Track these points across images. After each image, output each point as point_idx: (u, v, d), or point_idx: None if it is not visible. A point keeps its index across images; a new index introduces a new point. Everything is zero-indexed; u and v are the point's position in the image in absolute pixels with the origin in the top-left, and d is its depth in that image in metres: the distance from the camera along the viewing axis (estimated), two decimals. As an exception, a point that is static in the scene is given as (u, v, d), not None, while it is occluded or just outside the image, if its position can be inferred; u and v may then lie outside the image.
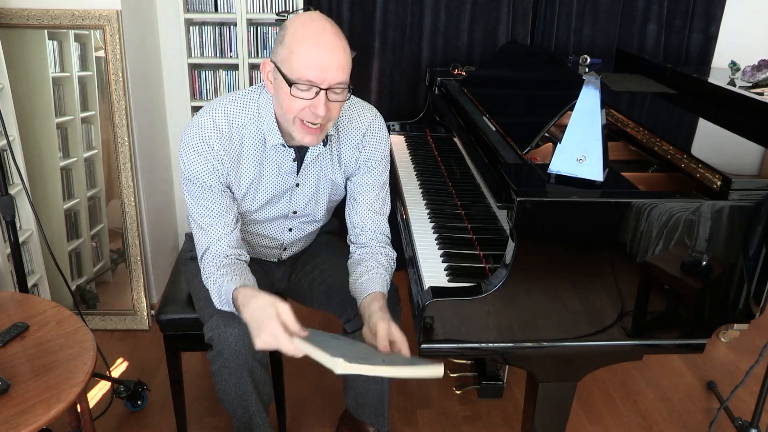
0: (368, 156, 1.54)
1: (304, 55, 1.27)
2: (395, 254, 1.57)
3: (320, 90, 1.29)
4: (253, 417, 1.53)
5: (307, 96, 1.30)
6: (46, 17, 2.13)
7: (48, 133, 2.23)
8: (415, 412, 2.08)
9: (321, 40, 1.28)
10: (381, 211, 1.58)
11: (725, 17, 2.70)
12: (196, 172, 1.42)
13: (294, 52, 1.28)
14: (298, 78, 1.28)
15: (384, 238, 1.57)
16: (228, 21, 2.57)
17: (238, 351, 1.43)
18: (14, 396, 1.27)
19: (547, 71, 1.81)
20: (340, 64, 1.29)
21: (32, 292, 2.09)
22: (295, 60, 1.28)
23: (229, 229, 1.46)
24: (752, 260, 1.31)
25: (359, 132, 1.52)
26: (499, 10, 2.61)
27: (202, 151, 1.41)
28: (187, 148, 1.42)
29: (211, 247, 1.44)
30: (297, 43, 1.28)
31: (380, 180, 1.57)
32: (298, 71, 1.28)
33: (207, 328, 1.47)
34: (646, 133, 1.61)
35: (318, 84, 1.28)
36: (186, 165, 1.43)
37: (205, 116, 1.42)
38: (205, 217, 1.45)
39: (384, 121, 1.58)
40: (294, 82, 1.28)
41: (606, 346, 1.38)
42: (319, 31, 1.28)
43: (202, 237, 1.46)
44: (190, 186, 1.45)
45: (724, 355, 2.44)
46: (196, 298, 1.60)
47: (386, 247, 1.55)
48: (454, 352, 1.37)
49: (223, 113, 1.43)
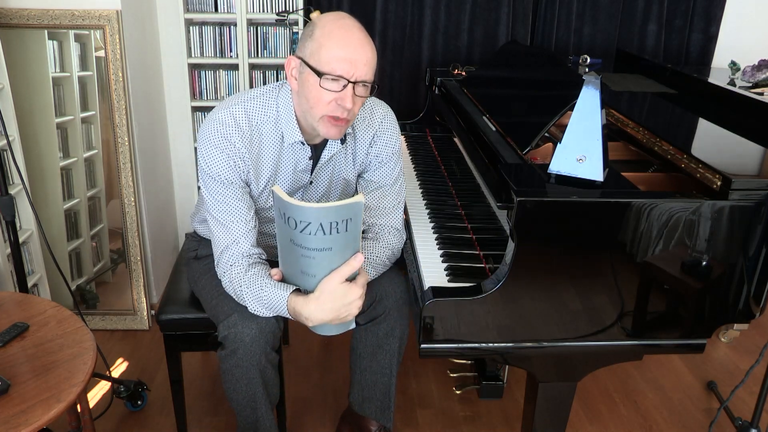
0: (379, 151, 1.56)
1: (335, 48, 1.31)
2: (402, 243, 1.59)
3: (348, 83, 1.32)
4: (261, 418, 1.53)
5: (335, 88, 1.33)
6: (46, 17, 2.13)
7: (48, 133, 2.23)
8: (415, 411, 2.08)
9: (351, 35, 1.33)
10: (392, 205, 1.60)
11: (725, 17, 2.70)
12: (217, 169, 1.42)
13: (324, 46, 1.32)
14: (328, 70, 1.31)
15: (393, 230, 1.59)
16: (228, 21, 2.57)
17: (254, 350, 1.43)
18: (14, 396, 1.27)
19: (547, 71, 1.81)
20: (368, 61, 1.34)
21: (32, 292, 2.09)
22: (325, 53, 1.31)
23: (251, 226, 1.47)
24: (752, 260, 1.31)
25: (372, 128, 1.55)
26: (499, 10, 2.61)
27: (224, 149, 1.41)
28: (208, 144, 1.42)
29: (233, 245, 1.44)
30: (327, 37, 1.32)
31: (392, 175, 1.59)
32: (327, 64, 1.31)
33: (223, 326, 1.45)
34: (646, 133, 1.61)
35: (347, 77, 1.32)
36: (207, 162, 1.43)
37: (224, 113, 1.43)
38: (227, 214, 1.45)
39: (395, 116, 1.61)
40: (324, 73, 1.32)
41: (606, 346, 1.38)
42: (349, 27, 1.34)
43: (222, 234, 1.46)
44: (211, 183, 1.45)
45: (724, 355, 2.44)
46: (207, 297, 1.59)
47: (389, 236, 1.57)
48: (454, 352, 1.37)
49: (242, 110, 1.43)
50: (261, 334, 1.43)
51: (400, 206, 1.62)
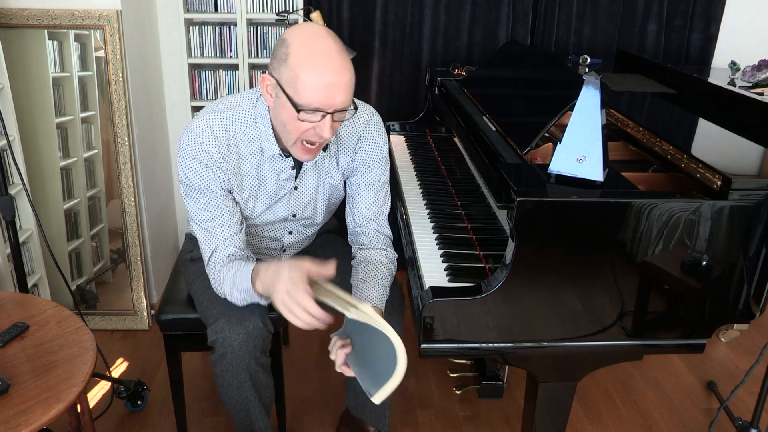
0: (365, 157, 1.53)
1: (311, 82, 1.24)
2: (396, 256, 1.57)
3: (326, 114, 1.27)
4: (255, 420, 1.53)
5: (313, 119, 1.28)
6: (46, 17, 2.13)
7: (48, 133, 2.23)
8: (415, 412, 2.08)
9: (328, 63, 1.25)
10: (381, 211, 1.58)
11: (725, 17, 2.70)
12: (196, 178, 1.41)
13: (300, 77, 1.24)
14: (305, 104, 1.26)
15: (385, 238, 1.57)
16: (228, 21, 2.57)
17: (242, 355, 1.43)
18: (14, 396, 1.27)
19: (547, 71, 1.81)
20: (345, 87, 1.27)
21: (32, 292, 2.09)
22: (301, 86, 1.25)
23: (236, 230, 1.45)
24: (752, 260, 1.31)
25: (356, 134, 1.51)
26: (499, 10, 2.61)
27: (201, 158, 1.39)
28: (185, 155, 1.40)
29: (218, 250, 1.43)
30: (302, 67, 1.24)
31: (380, 180, 1.56)
32: (305, 97, 1.25)
33: (211, 330, 1.46)
34: (646, 133, 1.61)
35: (325, 108, 1.27)
36: (185, 172, 1.41)
37: (201, 123, 1.40)
38: (209, 221, 1.44)
39: (382, 120, 1.56)
40: (301, 108, 1.26)
41: (606, 346, 1.38)
42: (325, 53, 1.25)
43: (208, 240, 1.44)
44: (191, 192, 1.43)
45: (724, 355, 2.44)
46: (199, 300, 1.60)
47: (388, 249, 1.55)
48: (454, 352, 1.37)
49: (219, 121, 1.41)
50: (249, 338, 1.43)
51: (387, 211, 1.59)
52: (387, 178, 1.59)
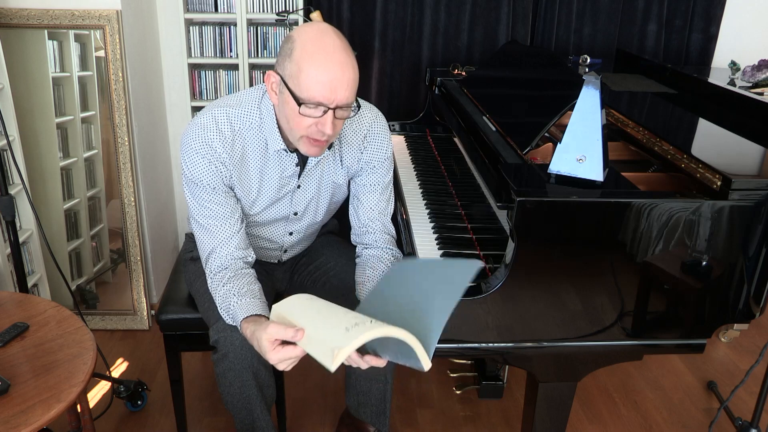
0: (370, 157, 1.53)
1: (314, 75, 1.24)
2: (401, 254, 1.57)
3: (328, 109, 1.28)
4: (257, 419, 1.53)
5: (315, 114, 1.28)
6: (46, 17, 2.13)
7: (48, 133, 2.23)
8: (415, 412, 2.08)
9: (331, 58, 1.25)
10: (386, 210, 1.58)
11: (725, 17, 2.70)
12: (199, 174, 1.41)
13: (303, 71, 1.25)
14: (307, 98, 1.26)
15: (389, 238, 1.57)
16: (228, 21, 2.57)
17: (244, 354, 1.43)
18: (14, 396, 1.27)
19: (547, 71, 1.81)
20: (348, 84, 1.27)
21: (32, 292, 2.09)
22: (304, 79, 1.25)
23: (236, 229, 1.45)
24: (752, 260, 1.31)
25: (360, 133, 1.52)
26: (499, 10, 2.61)
27: (205, 153, 1.39)
28: (189, 149, 1.40)
29: (217, 249, 1.43)
30: (306, 61, 1.25)
31: (384, 180, 1.57)
32: (307, 91, 1.26)
33: (213, 330, 1.46)
34: (646, 133, 1.61)
35: (327, 104, 1.27)
36: (188, 166, 1.41)
37: (206, 117, 1.41)
38: (210, 218, 1.43)
39: (386, 121, 1.57)
40: (303, 102, 1.27)
41: (606, 346, 1.38)
42: (329, 49, 1.26)
43: (206, 239, 1.44)
44: (193, 187, 1.43)
45: (724, 355, 2.44)
46: (200, 300, 1.60)
47: (393, 247, 1.55)
48: (454, 352, 1.37)
49: (225, 116, 1.41)
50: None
51: (390, 212, 1.60)
52: (391, 178, 1.60)
